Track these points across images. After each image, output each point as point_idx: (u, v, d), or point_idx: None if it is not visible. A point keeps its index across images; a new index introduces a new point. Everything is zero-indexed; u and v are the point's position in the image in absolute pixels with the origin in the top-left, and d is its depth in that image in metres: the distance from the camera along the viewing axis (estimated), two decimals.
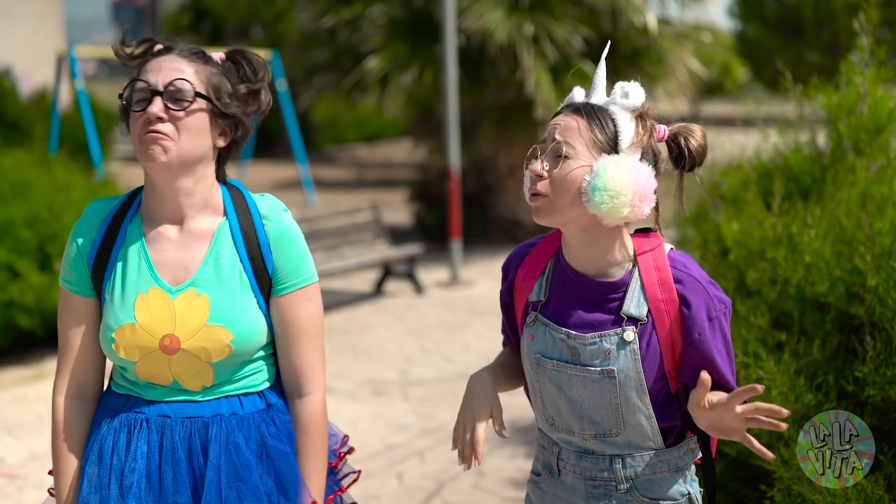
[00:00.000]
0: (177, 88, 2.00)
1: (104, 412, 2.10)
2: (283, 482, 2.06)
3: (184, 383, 2.05)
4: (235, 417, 2.05)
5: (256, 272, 2.06)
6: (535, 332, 2.07)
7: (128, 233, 2.09)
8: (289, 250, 2.10)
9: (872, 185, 3.38)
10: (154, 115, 1.98)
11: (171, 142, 1.99)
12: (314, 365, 2.12)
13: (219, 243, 2.07)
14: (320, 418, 2.12)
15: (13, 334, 6.79)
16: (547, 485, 2.14)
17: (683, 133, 2.04)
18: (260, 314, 2.07)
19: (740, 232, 3.57)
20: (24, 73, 18.64)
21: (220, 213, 2.10)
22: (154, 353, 2.02)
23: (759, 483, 3.23)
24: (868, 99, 3.56)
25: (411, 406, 5.91)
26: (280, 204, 2.14)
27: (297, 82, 14.34)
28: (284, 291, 2.09)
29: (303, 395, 2.11)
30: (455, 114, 9.56)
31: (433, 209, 11.76)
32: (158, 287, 2.04)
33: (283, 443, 2.07)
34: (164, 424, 2.03)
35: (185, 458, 2.02)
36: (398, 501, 4.52)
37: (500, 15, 10.16)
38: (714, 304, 1.99)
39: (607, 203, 1.90)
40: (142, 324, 2.02)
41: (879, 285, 2.90)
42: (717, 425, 1.92)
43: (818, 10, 23.55)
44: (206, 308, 2.02)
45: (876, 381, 2.81)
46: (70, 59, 11.22)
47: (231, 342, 2.02)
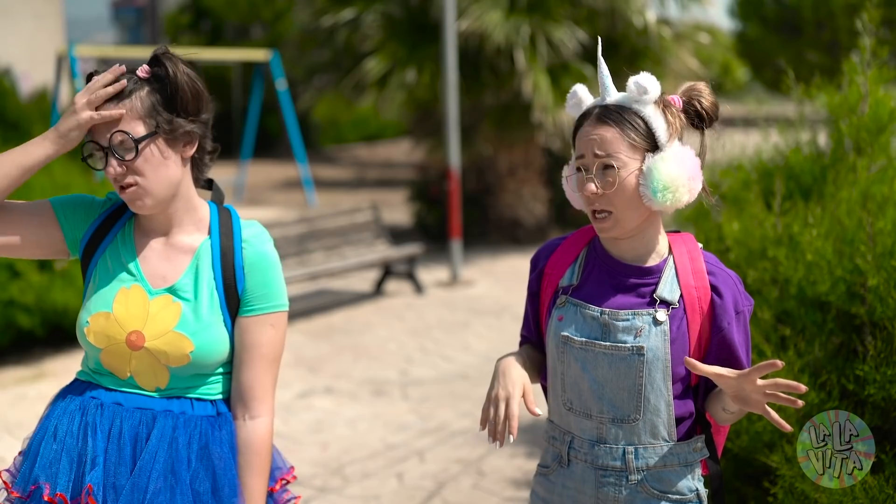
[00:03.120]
0: (118, 142, 2.06)
1: (64, 396, 2.19)
2: (219, 486, 2.11)
3: (139, 381, 2.13)
4: (183, 416, 2.13)
5: (227, 291, 2.15)
6: (565, 314, 2.11)
7: (121, 231, 2.20)
8: (261, 276, 2.17)
9: (873, 185, 3.38)
10: (113, 175, 2.07)
11: (142, 189, 2.08)
12: (266, 388, 2.18)
13: (199, 259, 2.16)
14: (267, 442, 2.17)
15: (13, 334, 6.78)
16: (556, 476, 2.16)
17: (694, 94, 2.10)
18: (224, 332, 2.15)
19: (741, 231, 3.57)
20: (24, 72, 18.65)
21: (204, 230, 2.19)
22: (119, 345, 2.11)
23: (762, 481, 3.23)
24: (869, 99, 3.56)
25: (411, 406, 5.90)
26: (265, 234, 2.21)
27: (297, 82, 14.34)
28: (250, 314, 2.16)
29: (253, 417, 2.17)
30: (455, 114, 9.56)
31: (433, 209, 11.76)
32: (140, 286, 2.14)
33: (224, 449, 2.13)
34: (116, 411, 2.12)
35: (130, 444, 2.10)
36: (398, 501, 4.52)
37: (499, 16, 10.16)
38: (742, 299, 2.08)
39: (670, 199, 1.99)
40: (116, 315, 2.11)
41: (880, 285, 2.90)
42: (739, 395, 1.97)
43: (818, 10, 23.55)
44: (176, 315, 2.12)
45: (877, 379, 2.81)
46: (70, 59, 11.22)
47: (191, 352, 2.10)
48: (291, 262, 8.25)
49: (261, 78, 15.41)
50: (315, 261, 8.52)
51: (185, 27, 23.89)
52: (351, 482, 4.73)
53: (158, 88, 2.10)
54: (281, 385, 6.34)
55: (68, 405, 2.15)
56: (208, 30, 23.64)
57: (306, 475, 4.80)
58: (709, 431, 2.15)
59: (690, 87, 2.10)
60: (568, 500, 2.14)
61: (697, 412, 2.12)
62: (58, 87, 12.08)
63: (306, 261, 8.44)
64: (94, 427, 2.10)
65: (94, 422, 2.11)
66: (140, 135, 2.06)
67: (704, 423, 2.15)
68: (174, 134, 2.10)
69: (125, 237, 2.18)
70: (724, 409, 2.06)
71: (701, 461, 2.15)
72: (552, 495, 2.17)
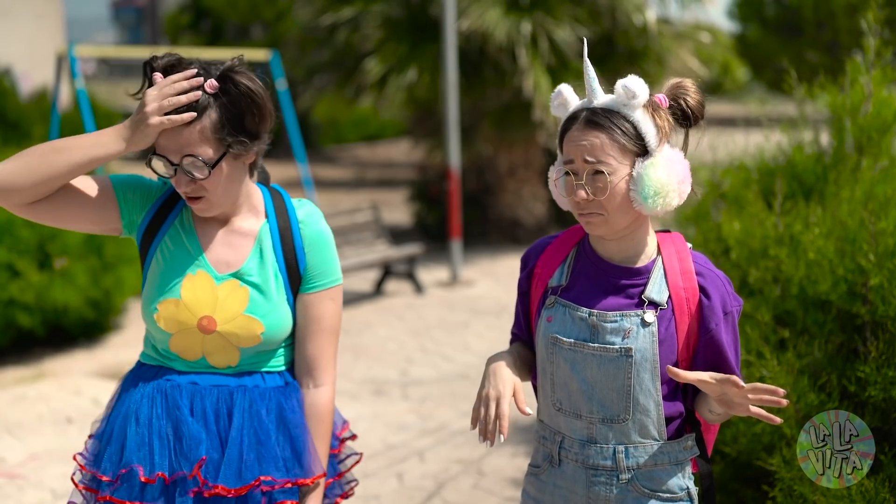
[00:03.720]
0: (190, 164, 2.09)
1: (135, 381, 2.24)
2: (298, 450, 2.22)
3: (211, 360, 2.21)
4: (258, 389, 2.22)
5: (290, 270, 2.23)
6: (554, 314, 2.11)
7: (178, 218, 2.24)
8: (321, 253, 2.25)
9: (876, 185, 3.38)
10: (183, 190, 2.12)
11: (209, 202, 2.15)
12: (329, 358, 2.29)
13: (261, 243, 2.22)
14: (330, 408, 2.29)
15: (13, 334, 6.78)
16: (547, 475, 2.17)
17: (680, 93, 2.08)
18: (288, 309, 2.23)
19: (742, 231, 3.57)
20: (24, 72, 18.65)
21: (261, 215, 2.26)
22: (191, 330, 2.18)
23: (761, 483, 3.23)
24: (873, 99, 3.56)
25: (411, 406, 5.90)
26: (317, 211, 2.29)
27: (297, 82, 14.33)
28: (312, 290, 2.25)
29: (317, 386, 2.28)
30: (455, 114, 9.55)
31: (433, 209, 11.75)
32: (206, 272, 2.20)
33: (298, 415, 2.24)
34: (195, 391, 2.20)
35: (214, 420, 2.18)
36: (398, 501, 4.51)
37: (499, 14, 10.15)
38: (730, 299, 2.08)
39: (660, 203, 1.99)
40: (185, 301, 2.17)
41: (883, 284, 2.90)
42: (723, 400, 1.98)
43: (818, 10, 23.55)
44: (245, 299, 2.19)
45: (878, 381, 2.80)
46: (70, 58, 11.22)
47: (262, 333, 2.19)
48: None
49: (261, 78, 15.40)
50: None
51: (185, 27, 23.87)
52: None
53: (228, 105, 2.10)
54: None
55: (144, 389, 2.21)
56: (208, 30, 23.62)
57: None
58: (699, 430, 2.16)
59: (676, 85, 2.09)
60: (559, 499, 2.14)
61: (687, 411, 2.13)
62: (58, 87, 12.07)
63: None
64: (178, 407, 2.18)
65: (177, 402, 2.18)
66: (210, 157, 2.09)
67: (694, 421, 2.15)
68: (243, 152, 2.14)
69: (184, 223, 2.23)
70: (711, 411, 2.06)
71: (691, 460, 2.15)
72: (543, 495, 2.17)
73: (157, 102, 2.06)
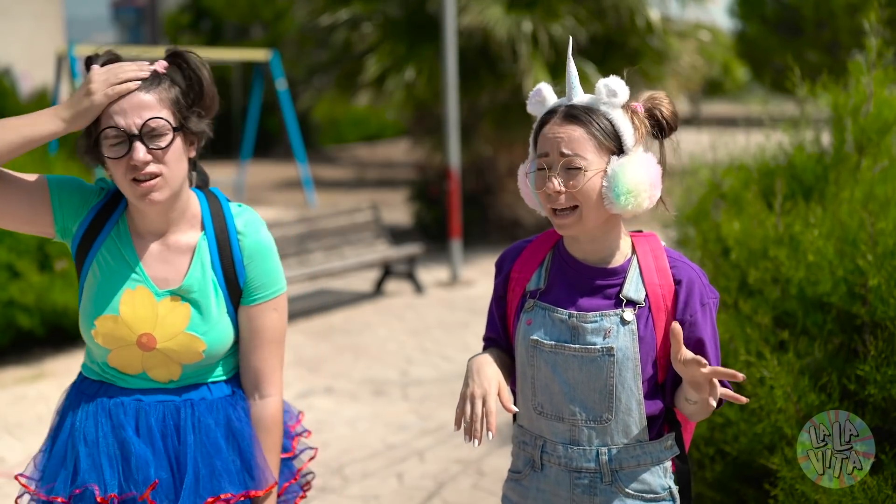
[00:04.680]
0: (153, 128, 2.02)
1: (79, 398, 2.19)
2: (248, 461, 2.18)
3: (152, 375, 2.16)
4: (205, 402, 2.18)
5: (229, 284, 2.17)
6: (534, 318, 2.12)
7: (115, 228, 2.16)
8: (261, 265, 2.19)
9: (876, 186, 3.38)
10: (142, 161, 2.01)
11: (164, 180, 2.05)
12: (274, 368, 2.24)
13: (200, 257, 2.16)
14: (278, 418, 2.25)
15: (13, 334, 6.78)
16: (529, 480, 2.17)
17: (655, 104, 2.09)
18: (229, 323, 2.18)
19: (742, 231, 3.57)
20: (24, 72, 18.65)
21: (198, 226, 2.18)
22: (130, 347, 2.12)
23: (762, 482, 3.23)
24: (874, 99, 3.56)
25: (411, 406, 5.90)
26: (257, 219, 2.21)
27: (297, 82, 14.33)
28: (254, 302, 2.20)
29: (263, 397, 2.23)
30: (455, 113, 9.54)
31: (433, 209, 11.75)
32: (146, 287, 2.13)
33: (246, 425, 2.20)
34: (139, 408, 2.15)
35: (160, 437, 2.14)
36: (398, 501, 4.51)
37: (499, 11, 10.15)
38: (707, 291, 2.09)
39: (632, 203, 1.99)
40: (125, 318, 2.11)
41: (882, 284, 2.90)
42: (692, 381, 1.98)
43: (818, 10, 23.56)
44: (186, 317, 2.13)
45: (877, 379, 2.80)
46: (70, 58, 11.22)
47: (204, 351, 2.15)
48: (291, 262, 8.24)
49: (261, 78, 15.41)
50: (315, 261, 8.51)
51: (185, 27, 23.89)
52: (351, 482, 4.72)
53: (181, 80, 2.08)
54: None
55: (88, 407, 2.16)
56: (208, 30, 23.64)
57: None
58: (678, 429, 2.17)
59: (651, 97, 2.10)
60: (542, 503, 2.14)
61: (667, 409, 2.14)
62: (58, 87, 12.07)
63: (306, 261, 8.43)
64: (123, 426, 2.13)
65: (121, 421, 2.13)
66: (174, 124, 2.04)
67: (673, 421, 2.16)
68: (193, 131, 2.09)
69: (121, 235, 2.15)
70: (687, 399, 2.05)
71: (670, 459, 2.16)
72: (526, 500, 2.17)
73: (104, 77, 1.99)
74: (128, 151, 2.01)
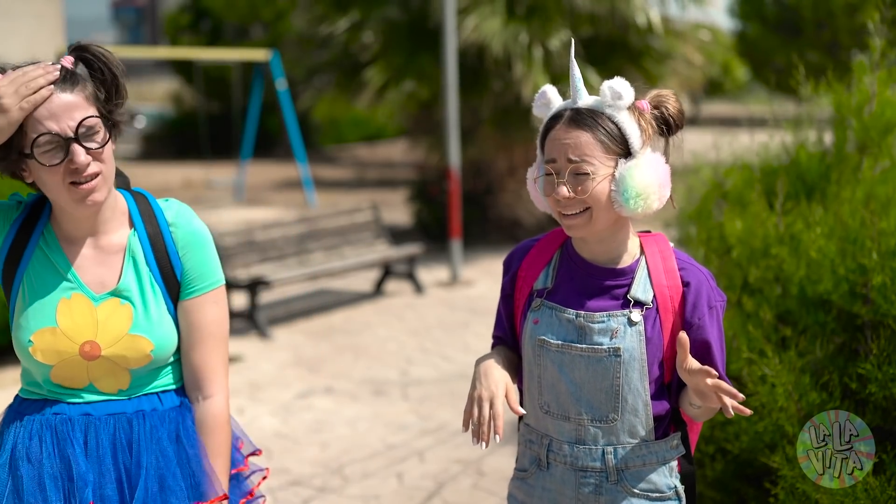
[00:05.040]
0: (89, 128, 1.95)
1: (20, 418, 2.08)
2: (195, 472, 2.08)
3: (99, 386, 2.06)
4: (157, 413, 2.08)
5: (166, 279, 2.08)
6: (540, 317, 2.11)
7: (42, 238, 2.07)
8: (197, 255, 2.11)
9: (877, 186, 3.38)
10: (83, 163, 1.94)
11: (103, 179, 1.98)
12: (217, 367, 2.13)
13: (133, 254, 2.08)
14: (224, 419, 2.14)
15: None
16: (535, 479, 2.16)
17: (661, 101, 2.08)
18: (171, 320, 2.09)
19: (744, 230, 3.57)
20: None
21: (126, 223, 2.10)
22: (73, 359, 2.02)
23: (763, 481, 3.23)
24: (877, 99, 3.56)
25: (411, 406, 5.89)
26: (188, 210, 2.13)
27: (297, 82, 14.34)
28: (192, 295, 2.10)
29: (206, 397, 2.13)
30: (455, 113, 9.54)
31: (433, 209, 11.75)
32: (82, 293, 2.04)
33: (193, 435, 2.10)
34: (89, 423, 2.04)
35: (111, 453, 2.03)
36: (398, 501, 4.51)
37: (498, 24, 10.12)
38: (714, 294, 2.08)
39: (641, 206, 1.99)
40: (63, 328, 2.01)
41: (884, 283, 2.89)
42: (697, 390, 1.98)
43: (818, 10, 23.57)
44: (128, 318, 2.04)
45: (878, 378, 2.80)
46: None
47: (152, 351, 2.04)
48: (291, 262, 8.24)
49: (261, 78, 15.41)
50: (315, 261, 8.51)
51: (184, 27, 23.87)
52: (351, 482, 4.72)
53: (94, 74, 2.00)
54: (281, 385, 6.33)
55: (30, 426, 2.05)
56: (208, 30, 23.61)
57: (306, 475, 4.79)
58: (684, 429, 2.16)
59: (657, 95, 2.09)
60: (548, 502, 2.14)
61: (673, 410, 2.14)
62: None
63: (306, 261, 8.43)
64: (70, 443, 2.03)
65: (68, 438, 2.03)
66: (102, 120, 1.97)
67: (679, 421, 2.16)
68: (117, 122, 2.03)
69: (49, 244, 2.07)
70: (691, 404, 2.06)
71: (676, 459, 2.15)
72: (532, 499, 2.17)
73: (13, 90, 1.89)
74: (66, 156, 1.93)
